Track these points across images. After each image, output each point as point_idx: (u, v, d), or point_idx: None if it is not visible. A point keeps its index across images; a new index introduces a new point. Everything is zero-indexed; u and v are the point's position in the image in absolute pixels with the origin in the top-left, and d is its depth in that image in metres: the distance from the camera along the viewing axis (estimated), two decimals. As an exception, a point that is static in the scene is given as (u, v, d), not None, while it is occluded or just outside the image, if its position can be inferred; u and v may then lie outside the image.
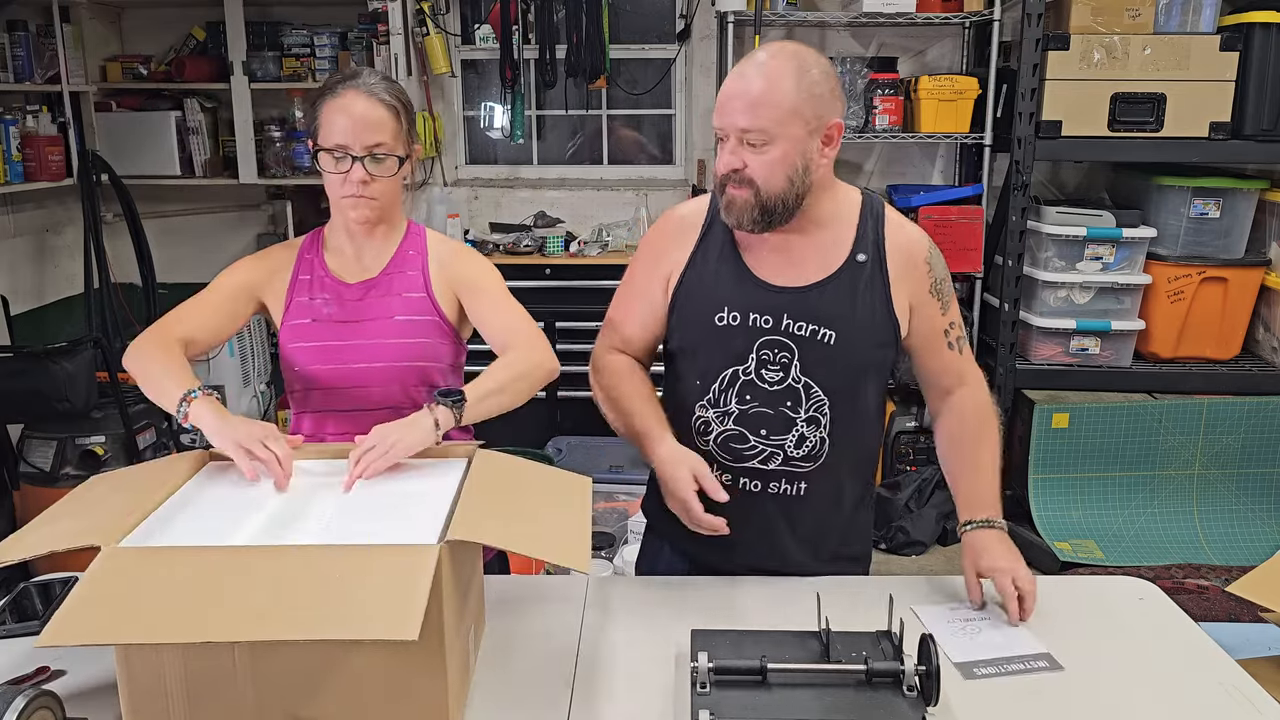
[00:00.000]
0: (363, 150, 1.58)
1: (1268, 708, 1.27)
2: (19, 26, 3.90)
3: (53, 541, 1.17)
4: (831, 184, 1.56)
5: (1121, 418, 3.57)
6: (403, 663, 1.12)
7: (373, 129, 1.58)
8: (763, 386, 1.55)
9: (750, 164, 1.45)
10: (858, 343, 1.54)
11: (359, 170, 1.58)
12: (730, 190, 1.48)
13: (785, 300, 1.53)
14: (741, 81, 1.45)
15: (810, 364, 1.53)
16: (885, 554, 3.63)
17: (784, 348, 1.53)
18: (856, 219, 1.57)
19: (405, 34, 4.01)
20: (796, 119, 1.43)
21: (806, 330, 1.53)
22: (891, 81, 3.86)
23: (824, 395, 1.54)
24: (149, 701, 1.12)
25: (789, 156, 1.45)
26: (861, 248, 1.55)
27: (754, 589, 1.57)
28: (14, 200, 3.97)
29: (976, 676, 1.34)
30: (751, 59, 1.47)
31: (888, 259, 1.55)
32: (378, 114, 1.59)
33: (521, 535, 1.21)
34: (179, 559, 1.13)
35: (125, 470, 1.52)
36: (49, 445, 3.27)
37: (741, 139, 1.45)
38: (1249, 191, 3.62)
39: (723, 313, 1.55)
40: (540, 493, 1.37)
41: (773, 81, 1.42)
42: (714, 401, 1.58)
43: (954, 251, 3.78)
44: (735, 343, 1.55)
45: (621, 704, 1.27)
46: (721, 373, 1.56)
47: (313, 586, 1.06)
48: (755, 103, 1.42)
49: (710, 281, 1.57)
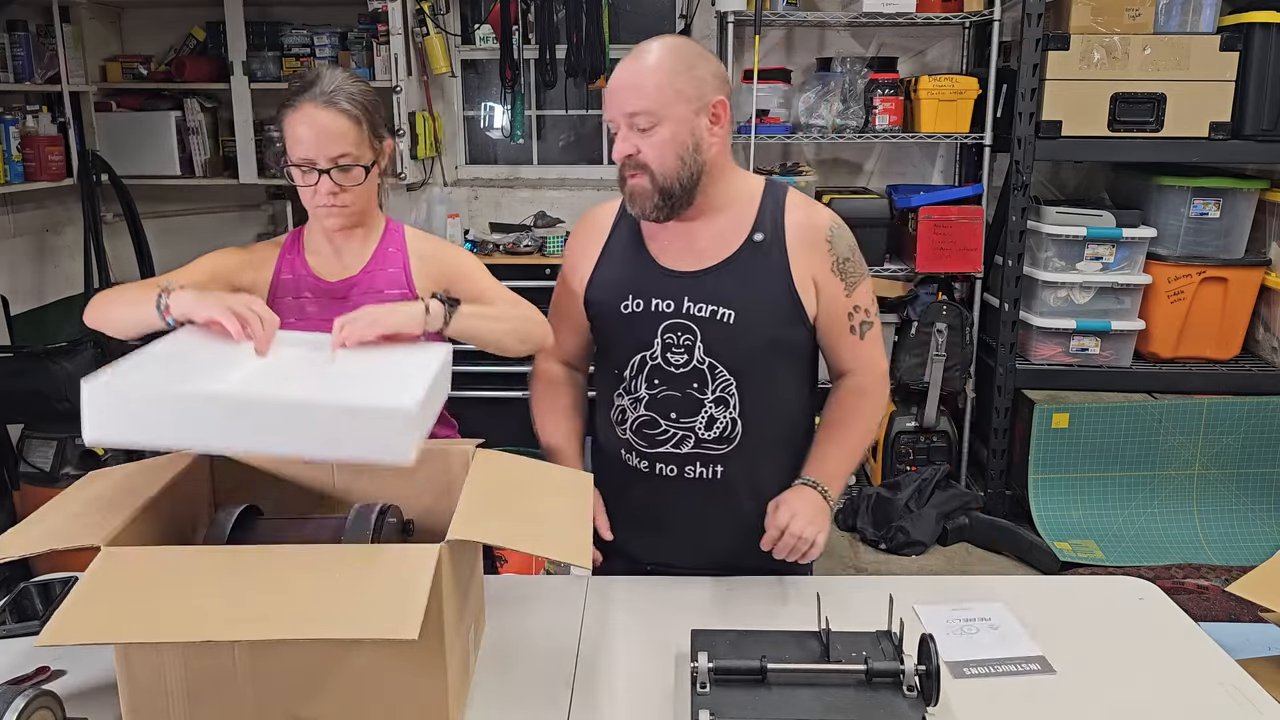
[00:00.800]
0: (328, 163, 1.57)
1: (1268, 708, 1.27)
2: (19, 26, 3.90)
3: (52, 540, 1.17)
4: (730, 169, 1.60)
5: (1121, 418, 3.57)
6: (403, 662, 1.12)
7: (335, 140, 1.57)
8: (669, 370, 1.59)
9: (642, 147, 1.50)
10: (758, 321, 1.57)
11: (326, 183, 1.59)
12: (629, 181, 1.53)
13: (685, 284, 1.58)
14: (624, 71, 1.51)
15: (713, 344, 1.57)
16: (885, 554, 3.63)
17: (687, 330, 1.57)
18: (758, 202, 1.60)
19: (405, 34, 4.02)
20: (679, 98, 1.48)
21: (706, 311, 1.56)
22: (891, 81, 3.86)
23: (729, 375, 1.58)
24: (149, 701, 1.12)
25: (678, 136, 1.49)
26: (760, 228, 1.58)
27: (754, 589, 1.57)
28: (14, 200, 3.97)
29: (966, 676, 1.34)
30: (636, 50, 1.53)
31: (787, 236, 1.58)
32: (339, 124, 1.57)
33: (523, 534, 1.21)
34: (179, 559, 1.13)
35: (122, 467, 1.52)
36: (49, 445, 3.27)
37: (631, 124, 1.50)
38: (1249, 191, 3.62)
39: (628, 300, 1.61)
40: (541, 490, 1.37)
41: (653, 65, 1.49)
42: (627, 389, 1.63)
43: (954, 251, 3.79)
44: (640, 329, 1.60)
45: (621, 704, 1.27)
46: (631, 359, 1.62)
47: (313, 585, 1.06)
48: (638, 86, 1.48)
49: (616, 273, 1.64)
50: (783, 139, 3.90)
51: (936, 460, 3.89)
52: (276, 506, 1.42)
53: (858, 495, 3.89)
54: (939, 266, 3.82)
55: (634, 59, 1.51)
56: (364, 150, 1.61)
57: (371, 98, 1.64)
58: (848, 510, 3.87)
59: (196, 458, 1.43)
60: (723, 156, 1.57)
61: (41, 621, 1.47)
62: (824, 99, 3.84)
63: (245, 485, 1.45)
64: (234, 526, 1.27)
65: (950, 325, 3.82)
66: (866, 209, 3.87)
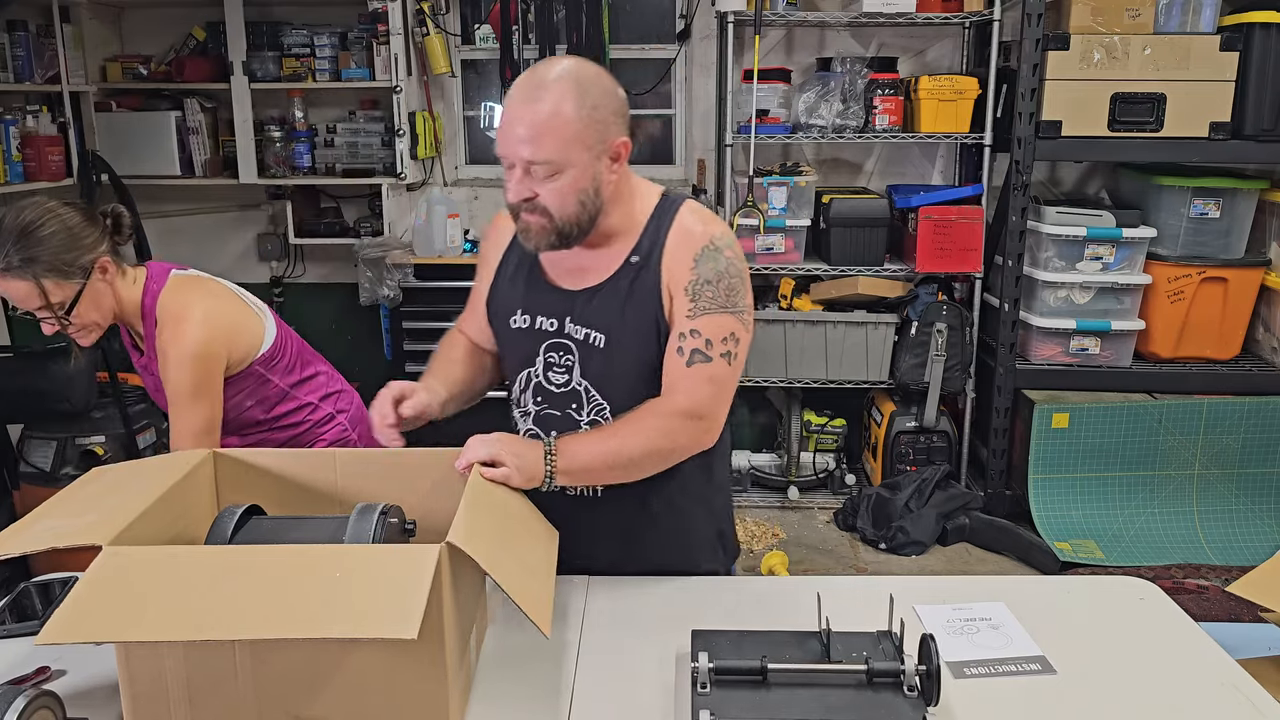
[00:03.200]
0: (36, 315, 1.77)
1: (1268, 708, 1.27)
2: (19, 26, 3.90)
3: (53, 538, 1.17)
4: (628, 194, 1.52)
5: (1121, 418, 3.57)
6: (404, 662, 1.12)
7: (25, 301, 1.73)
8: (550, 389, 1.57)
9: (541, 193, 1.42)
10: (628, 347, 1.52)
11: (47, 327, 1.78)
12: (525, 217, 1.45)
13: (568, 303, 1.55)
14: (521, 109, 1.40)
15: (588, 368, 1.54)
16: (885, 554, 3.64)
17: (567, 350, 1.55)
18: (644, 223, 1.53)
19: (405, 34, 4.02)
20: (579, 146, 1.40)
21: (581, 334, 1.54)
22: (891, 81, 3.86)
23: (602, 400, 1.55)
24: (150, 701, 1.12)
25: (579, 182, 1.42)
26: (638, 249, 1.52)
27: (754, 589, 1.57)
28: (13, 200, 3.97)
29: (966, 676, 1.34)
30: (530, 83, 1.41)
31: (664, 257, 1.50)
32: (20, 291, 1.72)
33: (504, 565, 1.20)
34: (180, 558, 1.13)
35: (125, 464, 1.52)
36: (49, 445, 3.27)
37: (528, 169, 1.42)
38: (1249, 191, 3.62)
39: (516, 315, 1.59)
40: (523, 527, 1.37)
41: (553, 109, 1.38)
42: (517, 402, 1.62)
43: (954, 251, 3.79)
44: (526, 345, 1.58)
45: (621, 704, 1.27)
46: (519, 374, 1.61)
47: (313, 585, 1.06)
48: (538, 134, 1.38)
49: (508, 286, 1.61)
50: (783, 139, 3.90)
51: (936, 460, 3.89)
52: (279, 506, 1.42)
53: (858, 495, 3.90)
54: (939, 266, 3.82)
55: (532, 100, 1.39)
56: (50, 298, 1.74)
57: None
58: (847, 510, 3.87)
59: (199, 456, 1.43)
60: (621, 185, 1.49)
61: (41, 621, 1.47)
62: (824, 99, 3.84)
63: (248, 485, 1.45)
64: (236, 526, 1.27)
65: (950, 325, 3.82)
66: (866, 209, 3.87)
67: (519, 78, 1.45)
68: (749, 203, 3.84)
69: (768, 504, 4.07)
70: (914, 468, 3.89)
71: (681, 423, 1.48)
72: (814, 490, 4.13)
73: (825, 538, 3.80)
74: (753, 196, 3.84)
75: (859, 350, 3.94)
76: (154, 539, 1.25)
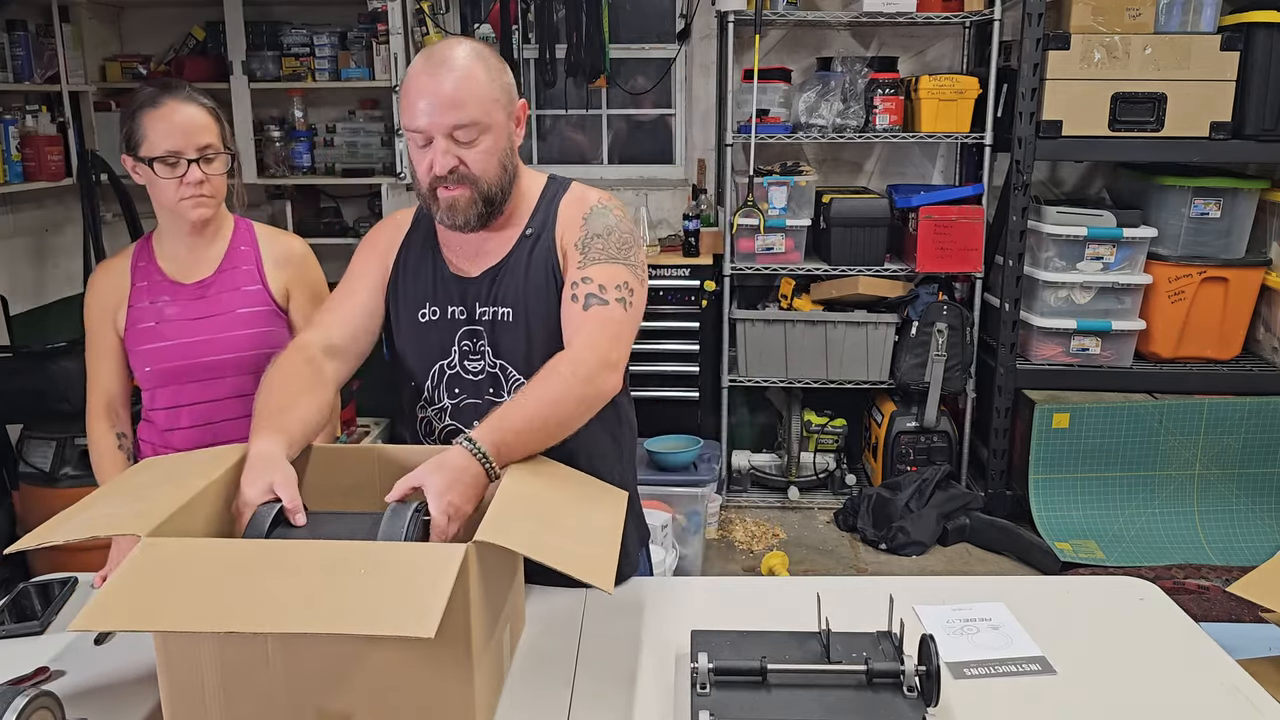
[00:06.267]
0: (195, 153, 1.73)
1: (1268, 708, 1.27)
2: (18, 26, 3.89)
3: (95, 527, 1.19)
4: (521, 170, 1.59)
5: (1122, 418, 3.57)
6: (426, 661, 1.12)
7: (200, 131, 1.73)
8: (467, 378, 1.58)
9: (466, 158, 1.46)
10: (534, 317, 1.54)
11: (195, 172, 1.73)
12: (444, 193, 1.48)
13: (473, 288, 1.57)
14: (435, 80, 1.43)
15: (500, 347, 1.56)
16: (885, 554, 3.63)
17: (478, 335, 1.56)
18: (536, 198, 1.60)
19: (405, 34, 4.01)
20: (496, 106, 1.47)
21: (490, 314, 1.55)
22: (892, 81, 3.86)
23: (520, 375, 1.56)
24: (185, 689, 1.13)
25: (499, 142, 1.48)
26: (532, 222, 1.58)
27: (754, 589, 1.57)
28: (13, 200, 3.97)
29: (966, 676, 1.34)
30: (435, 60, 1.45)
31: (556, 227, 1.56)
32: (202, 118, 1.75)
33: (548, 545, 1.20)
34: (213, 550, 1.15)
35: (175, 456, 1.54)
36: (48, 445, 3.26)
37: (451, 136, 1.45)
38: (1249, 191, 3.62)
39: (424, 309, 1.59)
40: (575, 502, 1.36)
41: (468, 74, 1.44)
42: (429, 400, 1.61)
43: (954, 251, 3.79)
44: (437, 337, 1.58)
45: (621, 704, 1.27)
46: (430, 369, 1.60)
47: (338, 581, 1.07)
48: (459, 99, 1.43)
49: (412, 281, 1.62)
50: (783, 139, 3.90)
51: (937, 460, 3.89)
52: (318, 501, 1.42)
53: (858, 495, 3.90)
54: (939, 266, 3.82)
55: (443, 69, 1.43)
56: (223, 143, 1.78)
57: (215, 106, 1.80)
58: (848, 510, 3.87)
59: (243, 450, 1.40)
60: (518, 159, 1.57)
61: (41, 622, 1.47)
62: (824, 99, 3.84)
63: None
64: (274, 520, 1.27)
65: (950, 325, 3.82)
66: (867, 209, 3.87)
67: (416, 59, 1.49)
68: (749, 202, 3.85)
69: (768, 504, 4.07)
70: (914, 468, 3.89)
71: (590, 367, 1.41)
72: (814, 490, 4.13)
73: (825, 538, 3.80)
74: (753, 196, 3.84)
75: (859, 350, 3.94)
76: (194, 531, 1.26)
